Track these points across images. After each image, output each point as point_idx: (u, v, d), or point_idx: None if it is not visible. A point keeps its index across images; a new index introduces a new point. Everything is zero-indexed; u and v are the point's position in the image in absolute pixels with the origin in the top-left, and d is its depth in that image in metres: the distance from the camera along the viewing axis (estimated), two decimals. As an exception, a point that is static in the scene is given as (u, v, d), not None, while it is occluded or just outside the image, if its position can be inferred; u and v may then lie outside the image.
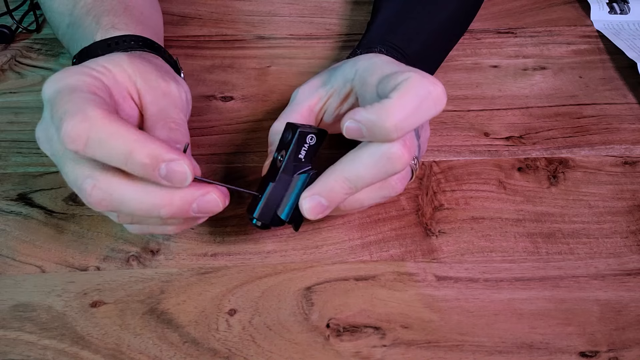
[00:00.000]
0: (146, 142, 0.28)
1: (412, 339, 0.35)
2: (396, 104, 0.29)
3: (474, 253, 0.39)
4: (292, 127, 0.34)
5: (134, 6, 0.43)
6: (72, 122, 0.27)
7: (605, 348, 0.35)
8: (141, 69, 0.34)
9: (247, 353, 0.34)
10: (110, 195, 0.29)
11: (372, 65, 0.35)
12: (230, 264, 0.38)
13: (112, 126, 0.27)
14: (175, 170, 0.28)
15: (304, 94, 0.39)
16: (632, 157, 0.45)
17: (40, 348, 0.34)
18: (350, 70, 0.37)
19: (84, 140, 0.27)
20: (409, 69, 0.32)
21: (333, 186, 0.32)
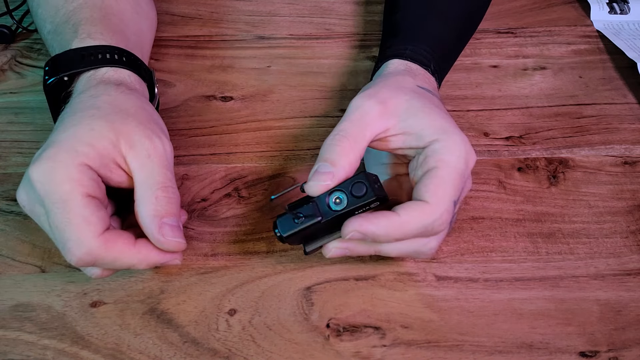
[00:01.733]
0: (144, 257, 0.33)
1: (412, 339, 0.35)
2: (400, 226, 0.32)
3: (473, 253, 0.39)
4: (367, 188, 0.32)
5: (113, 13, 0.42)
6: (76, 256, 0.31)
7: (605, 348, 0.35)
8: (124, 132, 0.34)
9: (247, 353, 0.34)
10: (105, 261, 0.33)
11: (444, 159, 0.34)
12: (230, 264, 0.38)
13: (113, 252, 0.32)
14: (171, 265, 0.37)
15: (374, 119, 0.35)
16: (632, 157, 0.45)
17: (40, 348, 0.34)
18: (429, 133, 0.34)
19: (90, 264, 0.32)
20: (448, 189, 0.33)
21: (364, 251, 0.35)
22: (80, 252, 0.31)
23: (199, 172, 0.43)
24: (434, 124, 0.35)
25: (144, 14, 0.48)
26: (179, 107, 0.48)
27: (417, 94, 0.37)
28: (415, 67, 0.41)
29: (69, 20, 0.41)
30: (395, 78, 0.39)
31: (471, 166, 0.35)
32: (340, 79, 0.51)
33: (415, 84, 0.39)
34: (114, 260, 0.32)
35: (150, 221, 0.33)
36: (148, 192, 0.33)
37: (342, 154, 0.33)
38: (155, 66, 0.51)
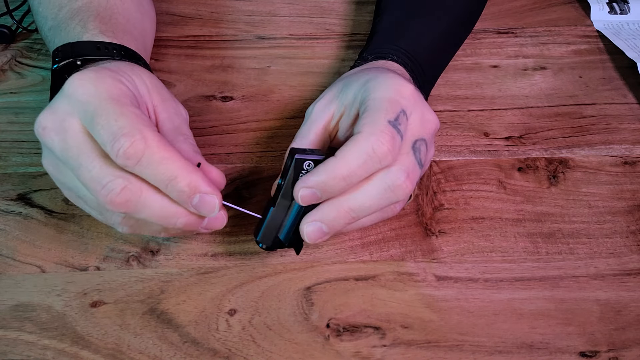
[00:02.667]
0: (190, 172, 0.30)
1: (412, 339, 0.35)
2: (339, 163, 0.31)
3: (474, 253, 0.39)
4: (291, 153, 0.34)
5: (120, 13, 0.42)
6: (130, 139, 0.29)
7: (605, 348, 0.35)
8: (157, 85, 0.35)
9: (247, 353, 0.34)
10: (138, 197, 0.30)
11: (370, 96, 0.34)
12: (230, 264, 0.38)
13: (165, 151, 0.30)
14: (207, 202, 0.31)
15: (318, 111, 0.38)
16: (632, 157, 0.45)
17: (40, 348, 0.34)
18: (359, 91, 0.36)
19: (138, 158, 0.29)
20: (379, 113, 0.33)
21: (336, 215, 0.33)
22: (134, 136, 0.29)
23: (199, 172, 0.43)
24: (361, 81, 0.36)
25: (146, 14, 0.48)
26: (179, 107, 0.48)
27: (351, 74, 0.38)
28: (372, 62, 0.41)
29: (74, 17, 0.40)
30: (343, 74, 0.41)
31: (407, 94, 0.34)
32: (340, 79, 0.51)
33: (361, 69, 0.40)
34: (161, 162, 0.30)
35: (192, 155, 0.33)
36: (180, 137, 0.34)
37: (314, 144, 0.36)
38: (155, 66, 0.51)
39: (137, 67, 0.36)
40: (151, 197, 0.31)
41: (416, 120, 0.34)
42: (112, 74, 0.32)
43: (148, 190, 0.31)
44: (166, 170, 0.30)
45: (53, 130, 0.31)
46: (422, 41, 0.44)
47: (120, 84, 0.32)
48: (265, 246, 0.35)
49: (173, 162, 0.30)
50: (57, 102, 0.31)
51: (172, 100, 0.36)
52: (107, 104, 0.30)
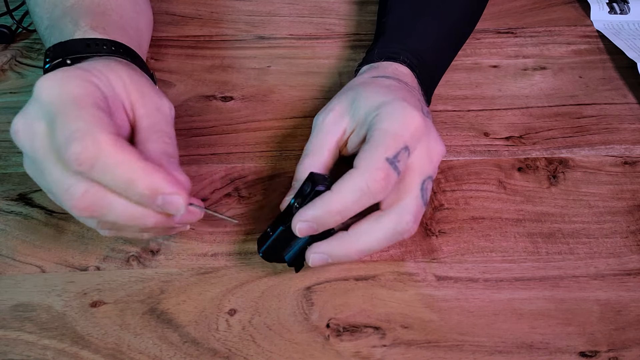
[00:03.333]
0: (149, 173, 0.29)
1: (412, 339, 0.35)
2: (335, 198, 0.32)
3: (474, 253, 0.39)
4: (311, 181, 0.34)
5: (113, 9, 0.42)
6: (82, 144, 0.28)
7: (605, 348, 0.35)
8: (136, 80, 0.34)
9: (247, 353, 0.34)
10: (101, 201, 0.29)
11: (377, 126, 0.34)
12: (230, 264, 0.38)
13: (119, 154, 0.28)
14: (172, 202, 0.30)
15: (330, 124, 0.37)
16: (632, 157, 0.45)
17: (40, 348, 0.34)
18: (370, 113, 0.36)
19: (90, 163, 0.28)
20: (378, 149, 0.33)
21: (344, 254, 0.35)
22: (86, 141, 0.28)
23: (199, 172, 0.43)
24: (373, 102, 0.36)
25: (142, 13, 0.47)
26: (179, 107, 0.48)
27: (364, 85, 0.38)
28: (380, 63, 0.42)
29: (67, 14, 0.40)
30: (350, 82, 0.41)
31: (414, 128, 0.34)
32: (341, 79, 0.51)
33: (370, 76, 0.40)
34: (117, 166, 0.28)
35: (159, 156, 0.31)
36: (154, 135, 0.32)
37: (306, 169, 0.36)
38: (155, 66, 0.51)
39: (115, 63, 0.34)
40: (114, 200, 0.30)
41: (422, 154, 0.35)
42: (81, 73, 0.31)
43: (110, 194, 0.30)
44: (123, 174, 0.29)
45: (24, 133, 0.30)
46: (428, 40, 0.44)
47: (87, 84, 0.30)
48: (267, 259, 0.37)
49: (129, 165, 0.29)
50: (28, 105, 0.31)
51: (154, 96, 0.34)
52: (67, 106, 0.29)
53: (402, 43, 0.43)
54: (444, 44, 0.47)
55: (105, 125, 0.29)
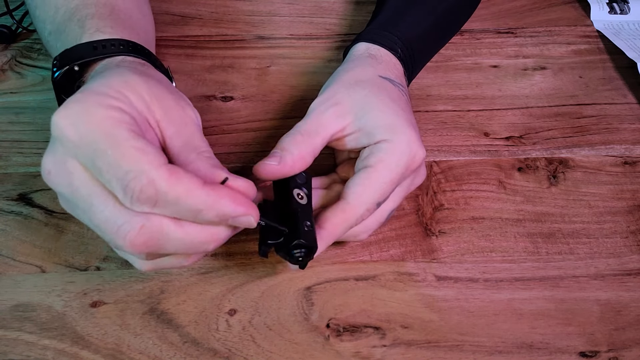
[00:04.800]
0: (214, 201, 0.28)
1: (412, 339, 0.35)
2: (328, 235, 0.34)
3: (474, 253, 0.39)
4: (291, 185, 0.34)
5: (120, 10, 0.41)
6: (138, 186, 0.26)
7: (605, 348, 0.35)
8: (158, 95, 0.31)
9: (247, 353, 0.34)
10: (160, 234, 0.28)
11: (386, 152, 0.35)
12: (230, 264, 0.38)
13: (178, 187, 0.27)
14: (242, 222, 0.29)
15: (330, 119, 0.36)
16: (632, 157, 0.45)
17: (40, 348, 0.34)
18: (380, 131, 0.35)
19: (153, 202, 0.27)
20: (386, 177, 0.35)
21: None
22: (142, 181, 0.26)
23: (199, 172, 0.43)
24: (385, 122, 0.36)
25: (147, 16, 0.47)
26: (179, 107, 0.48)
27: (375, 87, 0.38)
28: (380, 52, 0.42)
29: (72, 17, 0.39)
30: (355, 71, 0.39)
31: (417, 162, 0.36)
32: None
33: (377, 73, 0.39)
34: (179, 200, 0.27)
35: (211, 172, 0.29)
36: (192, 154, 0.30)
37: (292, 143, 0.35)
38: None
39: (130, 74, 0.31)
40: (174, 231, 0.28)
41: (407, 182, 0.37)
42: (100, 100, 0.28)
43: (169, 224, 0.28)
44: (187, 206, 0.27)
45: (57, 174, 0.28)
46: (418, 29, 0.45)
47: (112, 111, 0.28)
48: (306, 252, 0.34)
49: (192, 197, 0.27)
50: (54, 145, 0.28)
51: (178, 108, 0.32)
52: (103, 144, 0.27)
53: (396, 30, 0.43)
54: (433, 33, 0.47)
55: (151, 156, 0.27)
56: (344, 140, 0.37)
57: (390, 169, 0.35)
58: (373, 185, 0.34)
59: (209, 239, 0.29)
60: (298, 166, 0.34)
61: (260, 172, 0.34)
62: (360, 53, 0.42)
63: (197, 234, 0.29)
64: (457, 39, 0.54)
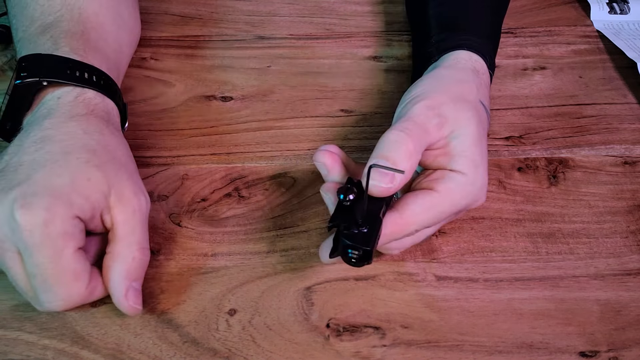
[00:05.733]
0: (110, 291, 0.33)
1: (412, 339, 0.35)
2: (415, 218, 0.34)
3: (474, 253, 0.39)
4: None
5: (93, 28, 0.41)
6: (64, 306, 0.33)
7: (605, 348, 0.35)
8: (115, 185, 0.34)
9: (247, 353, 0.34)
10: None
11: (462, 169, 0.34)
12: (230, 264, 0.38)
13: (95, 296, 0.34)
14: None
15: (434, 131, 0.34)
16: (632, 157, 0.45)
17: (40, 348, 0.34)
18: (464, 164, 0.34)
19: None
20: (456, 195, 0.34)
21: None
22: (68, 305, 0.32)
23: (199, 172, 0.43)
24: (473, 156, 0.35)
25: (124, 27, 0.46)
26: (179, 107, 0.48)
27: (476, 114, 0.36)
28: (480, 63, 0.41)
29: (45, 32, 0.39)
30: (462, 86, 0.38)
31: (476, 206, 0.36)
32: (341, 79, 0.51)
33: (478, 97, 0.38)
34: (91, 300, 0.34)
35: (120, 282, 0.33)
36: (126, 250, 0.34)
37: (405, 157, 0.32)
38: (155, 66, 0.51)
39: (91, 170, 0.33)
40: None
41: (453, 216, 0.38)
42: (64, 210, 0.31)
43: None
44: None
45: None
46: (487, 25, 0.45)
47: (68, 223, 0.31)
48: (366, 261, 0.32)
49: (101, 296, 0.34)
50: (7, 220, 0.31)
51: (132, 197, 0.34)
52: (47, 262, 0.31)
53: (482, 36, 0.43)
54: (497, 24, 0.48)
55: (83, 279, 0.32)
56: (426, 154, 0.35)
57: (454, 203, 0.34)
58: (431, 211, 0.33)
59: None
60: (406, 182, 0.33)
61: (375, 194, 0.31)
62: (464, 63, 0.40)
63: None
64: (457, 39, 0.54)
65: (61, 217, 0.31)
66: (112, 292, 0.33)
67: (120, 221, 0.34)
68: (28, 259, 0.31)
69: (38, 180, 0.31)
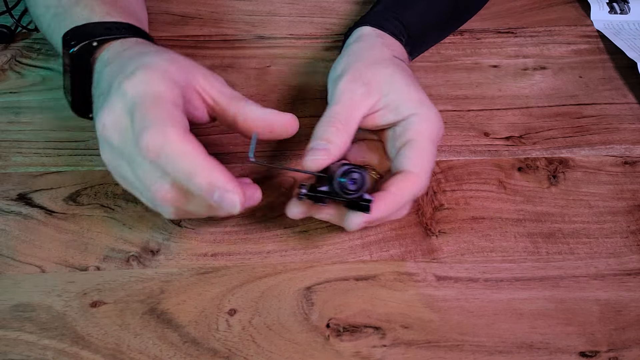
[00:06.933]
0: (209, 169, 0.31)
1: (412, 339, 0.35)
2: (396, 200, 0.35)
3: (474, 253, 0.39)
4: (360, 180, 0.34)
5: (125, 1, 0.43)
6: (151, 134, 0.30)
7: (605, 348, 0.35)
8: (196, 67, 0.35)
9: (247, 353, 0.34)
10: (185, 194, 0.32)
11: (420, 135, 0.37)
12: (230, 264, 0.38)
13: (184, 147, 0.30)
14: (227, 199, 0.31)
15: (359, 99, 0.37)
16: (632, 157, 0.45)
17: (40, 348, 0.34)
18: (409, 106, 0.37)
19: (157, 152, 0.30)
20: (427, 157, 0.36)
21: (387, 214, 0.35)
22: (155, 130, 0.30)
23: (199, 172, 0.43)
24: (412, 97, 0.37)
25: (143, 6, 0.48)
26: (179, 107, 0.48)
27: (396, 66, 0.39)
28: (387, 36, 0.42)
29: (78, 3, 0.40)
30: (371, 52, 0.41)
31: (442, 132, 0.38)
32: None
33: (392, 54, 0.41)
34: (179, 158, 0.30)
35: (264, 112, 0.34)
36: (242, 101, 0.35)
37: (334, 134, 0.35)
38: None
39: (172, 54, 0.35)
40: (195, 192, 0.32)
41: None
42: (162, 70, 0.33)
43: None
44: (184, 166, 0.30)
45: (112, 127, 0.32)
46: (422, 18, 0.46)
47: (170, 82, 0.32)
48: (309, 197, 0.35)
49: (191, 158, 0.30)
50: (113, 101, 0.32)
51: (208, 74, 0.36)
52: (147, 102, 0.31)
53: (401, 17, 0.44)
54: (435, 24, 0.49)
55: (176, 120, 0.31)
56: (372, 118, 0.38)
57: (430, 139, 0.37)
58: (426, 155, 0.36)
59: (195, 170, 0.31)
60: (342, 154, 0.36)
61: (311, 166, 0.35)
62: (368, 34, 0.42)
63: None
64: (457, 39, 0.54)
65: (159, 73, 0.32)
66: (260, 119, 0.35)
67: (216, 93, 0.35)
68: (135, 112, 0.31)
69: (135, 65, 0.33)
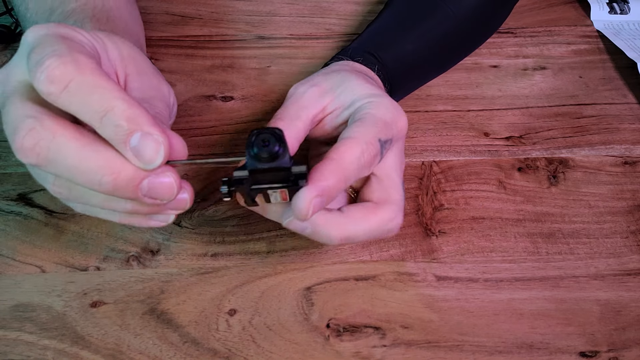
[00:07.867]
0: (131, 104, 0.25)
1: (412, 339, 0.35)
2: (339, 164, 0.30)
3: (474, 253, 0.39)
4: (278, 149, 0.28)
5: (116, 17, 0.41)
6: (58, 61, 0.24)
7: (605, 348, 0.35)
8: (136, 58, 0.31)
9: (247, 353, 0.34)
10: (49, 141, 0.25)
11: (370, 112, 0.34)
12: (230, 264, 0.38)
13: (100, 78, 0.24)
14: (147, 144, 0.25)
15: (311, 99, 0.35)
16: (632, 157, 0.45)
17: (40, 348, 0.34)
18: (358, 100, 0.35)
19: (65, 83, 0.24)
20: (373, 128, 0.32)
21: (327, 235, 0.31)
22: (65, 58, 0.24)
23: (199, 172, 0.43)
24: (364, 92, 0.35)
25: (139, 22, 0.47)
26: (179, 107, 0.48)
27: (350, 72, 0.37)
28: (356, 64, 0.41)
29: (68, 19, 0.39)
30: (331, 67, 0.39)
31: (401, 126, 0.34)
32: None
33: (354, 68, 0.39)
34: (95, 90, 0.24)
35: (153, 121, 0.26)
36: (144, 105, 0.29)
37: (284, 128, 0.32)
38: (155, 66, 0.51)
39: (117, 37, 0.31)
40: (66, 142, 0.25)
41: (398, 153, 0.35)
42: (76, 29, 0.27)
43: (62, 134, 0.25)
44: (101, 100, 0.24)
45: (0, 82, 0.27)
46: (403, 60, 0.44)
47: (76, 32, 0.27)
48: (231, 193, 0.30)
49: (110, 92, 0.24)
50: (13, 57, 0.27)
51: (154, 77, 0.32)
52: (47, 39, 0.25)
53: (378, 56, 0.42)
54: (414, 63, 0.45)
55: (87, 54, 0.25)
56: (324, 122, 0.35)
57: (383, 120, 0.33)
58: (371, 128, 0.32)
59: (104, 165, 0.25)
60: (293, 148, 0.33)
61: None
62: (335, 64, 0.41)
63: (91, 157, 0.25)
64: (457, 39, 0.54)
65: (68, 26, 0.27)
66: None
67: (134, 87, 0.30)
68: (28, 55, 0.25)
69: None
